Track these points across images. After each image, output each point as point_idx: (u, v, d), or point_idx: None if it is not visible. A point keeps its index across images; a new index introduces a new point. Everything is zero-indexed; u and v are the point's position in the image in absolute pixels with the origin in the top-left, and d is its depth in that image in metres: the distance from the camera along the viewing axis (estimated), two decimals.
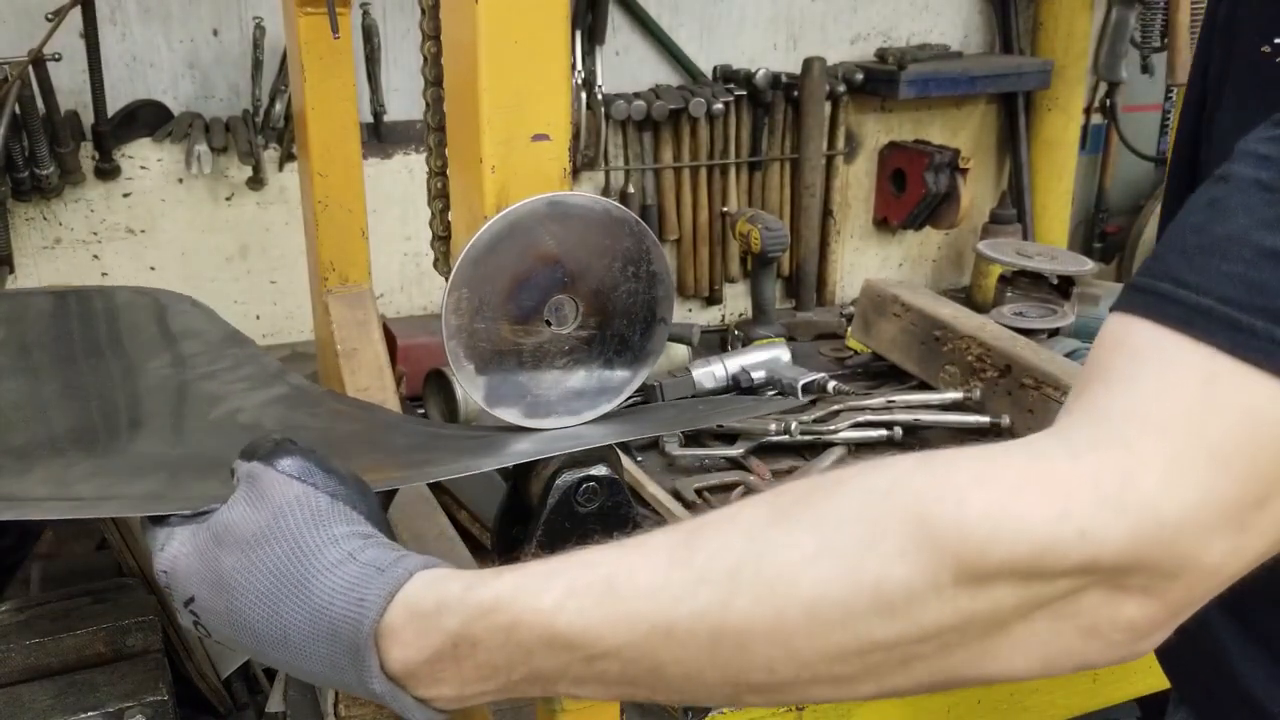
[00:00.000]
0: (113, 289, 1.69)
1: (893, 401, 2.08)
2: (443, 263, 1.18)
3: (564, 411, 0.95)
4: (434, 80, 1.09)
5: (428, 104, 1.12)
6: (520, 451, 0.94)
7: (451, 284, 0.87)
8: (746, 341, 2.43)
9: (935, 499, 0.55)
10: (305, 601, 0.68)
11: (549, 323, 0.92)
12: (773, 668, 0.59)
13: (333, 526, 0.71)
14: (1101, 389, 0.58)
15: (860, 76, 2.74)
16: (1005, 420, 1.98)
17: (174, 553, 0.75)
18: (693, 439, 2.04)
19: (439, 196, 1.15)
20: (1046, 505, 0.54)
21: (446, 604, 0.66)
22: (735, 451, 1.98)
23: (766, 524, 0.60)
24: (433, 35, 1.04)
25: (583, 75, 2.50)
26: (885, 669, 0.58)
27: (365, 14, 2.30)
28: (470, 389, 0.91)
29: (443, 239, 1.17)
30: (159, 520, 0.77)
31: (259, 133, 2.28)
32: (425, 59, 1.08)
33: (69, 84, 2.15)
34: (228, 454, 0.79)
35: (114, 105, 2.20)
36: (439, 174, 1.15)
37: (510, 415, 0.94)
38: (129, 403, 1.23)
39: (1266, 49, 0.72)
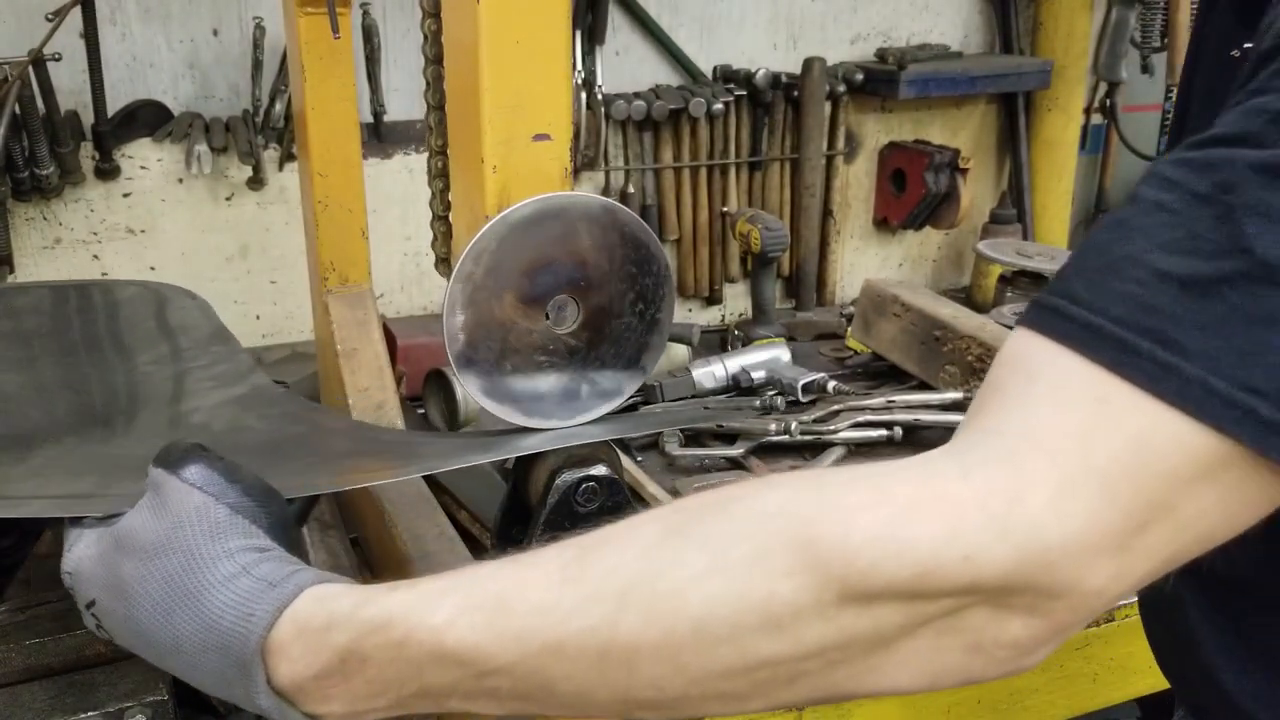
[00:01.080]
0: (113, 282, 1.70)
1: (893, 401, 2.08)
2: (442, 243, 1.18)
3: (564, 412, 0.95)
4: (434, 59, 1.09)
5: (428, 82, 1.12)
6: (464, 458, 0.94)
7: (452, 284, 0.87)
8: (746, 341, 2.43)
9: (823, 520, 0.57)
10: (198, 614, 0.69)
11: (550, 323, 0.92)
12: (661, 685, 0.60)
13: (229, 539, 0.71)
14: (997, 406, 0.59)
15: (860, 76, 2.74)
16: None
17: (79, 555, 0.76)
18: (693, 439, 2.04)
19: (439, 176, 1.14)
20: (932, 527, 0.55)
21: (336, 620, 0.67)
22: (735, 451, 1.98)
23: (658, 541, 0.61)
24: (433, 12, 1.03)
25: (583, 75, 2.50)
26: (773, 685, 0.59)
27: (365, 14, 2.30)
28: (470, 389, 0.91)
29: (442, 218, 1.17)
30: (75, 520, 0.78)
31: (259, 133, 2.28)
32: (426, 36, 1.08)
33: (69, 84, 2.15)
34: None
35: (114, 105, 2.20)
36: (439, 153, 1.15)
37: (511, 415, 0.94)
38: (104, 400, 1.24)
39: (1235, 53, 0.73)
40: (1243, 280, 0.55)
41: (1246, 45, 0.69)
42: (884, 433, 2.03)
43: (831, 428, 2.02)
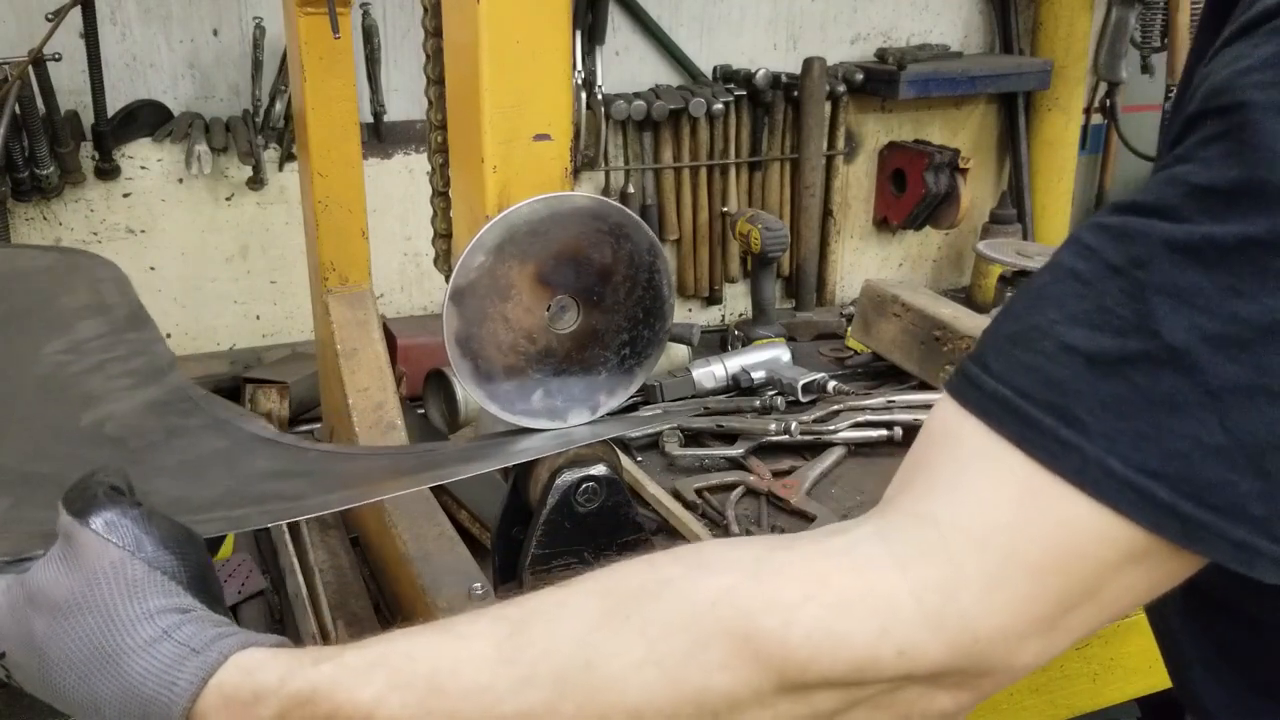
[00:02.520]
0: (21, 249, 1.54)
1: (893, 401, 2.09)
2: (443, 261, 1.18)
3: (564, 412, 0.95)
4: (437, 79, 1.09)
5: (430, 101, 1.12)
6: (395, 483, 0.91)
7: (452, 284, 0.87)
8: (746, 341, 2.43)
9: (761, 614, 0.58)
10: (117, 678, 0.66)
11: (550, 324, 0.92)
12: None
13: (148, 599, 0.67)
14: (925, 487, 0.60)
15: (860, 76, 2.74)
16: None
17: None
18: (693, 439, 2.04)
19: (439, 151, 1.13)
20: (867, 624, 0.56)
21: (262, 694, 0.65)
22: (735, 451, 1.98)
23: (595, 624, 0.61)
24: (435, 33, 1.04)
25: (583, 75, 2.50)
26: None
27: (365, 14, 2.30)
28: (471, 389, 0.91)
29: (442, 193, 1.16)
30: None
31: (259, 133, 2.28)
32: (428, 56, 1.08)
33: (69, 84, 2.15)
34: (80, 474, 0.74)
35: (114, 105, 2.20)
36: (439, 143, 1.15)
37: (511, 416, 0.94)
38: (7, 398, 1.15)
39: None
40: (1146, 362, 0.54)
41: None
42: (884, 433, 2.03)
43: (831, 428, 2.02)
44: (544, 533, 0.92)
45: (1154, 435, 0.54)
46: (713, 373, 2.26)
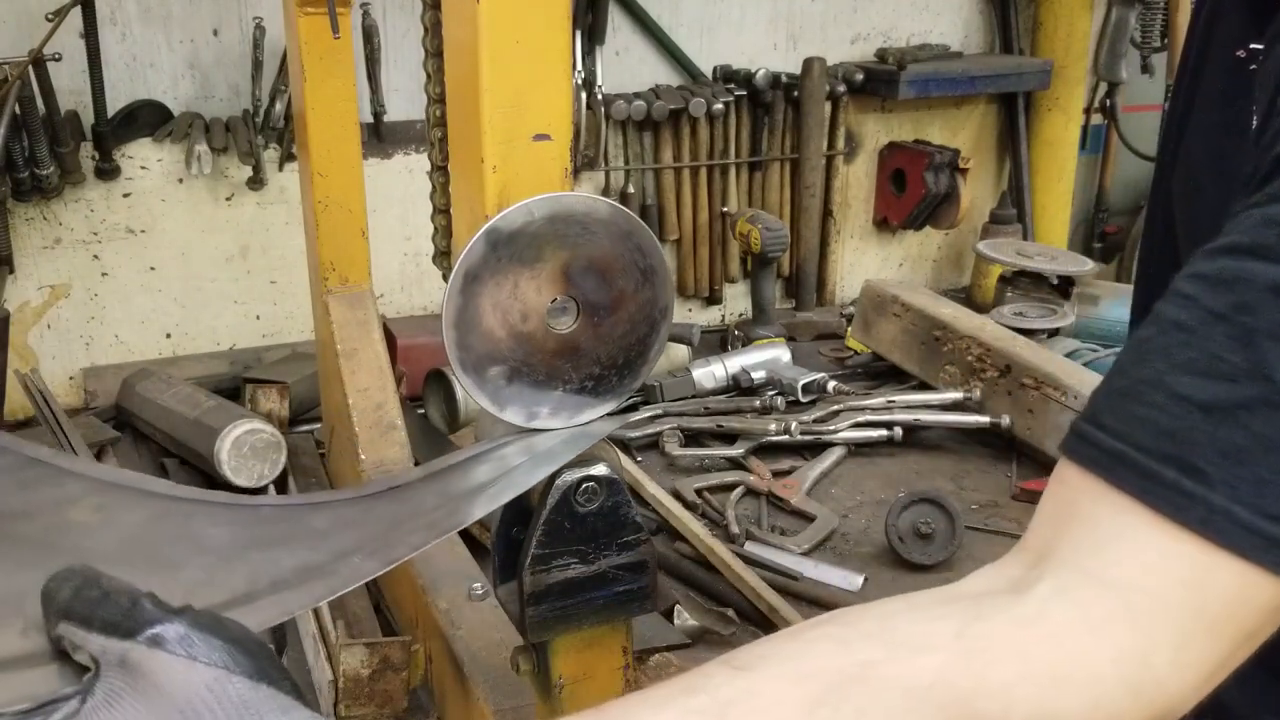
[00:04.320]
0: None
1: (893, 401, 2.09)
2: (442, 236, 1.18)
3: (566, 412, 0.95)
4: (438, 98, 1.09)
5: (430, 98, 1.12)
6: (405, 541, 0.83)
7: (452, 284, 0.87)
8: (746, 341, 2.43)
9: (981, 696, 0.58)
10: None
11: (550, 324, 0.92)
12: None
13: (265, 718, 0.55)
14: (1071, 548, 0.60)
15: (860, 76, 2.74)
16: (1005, 420, 1.98)
17: None
18: (692, 439, 2.04)
19: (437, 125, 1.13)
20: (1080, 699, 0.58)
21: None
22: (735, 451, 1.98)
23: (804, 714, 0.58)
24: (433, 4, 1.03)
25: (583, 75, 2.50)
26: None
27: (365, 14, 2.30)
28: (471, 389, 0.91)
29: (444, 240, 1.17)
30: None
31: (259, 133, 2.28)
32: (429, 75, 1.08)
33: (69, 84, 2.15)
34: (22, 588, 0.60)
35: (114, 105, 2.20)
36: (440, 168, 1.15)
37: (511, 415, 0.94)
38: None
39: (1241, 54, 0.73)
40: (1262, 406, 0.55)
41: (1253, 46, 0.69)
42: (884, 433, 2.03)
43: (831, 428, 2.02)
44: (544, 533, 0.92)
45: (1275, 480, 0.55)
46: (713, 373, 2.26)
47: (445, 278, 1.21)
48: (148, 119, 2.25)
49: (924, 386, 2.19)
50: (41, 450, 0.77)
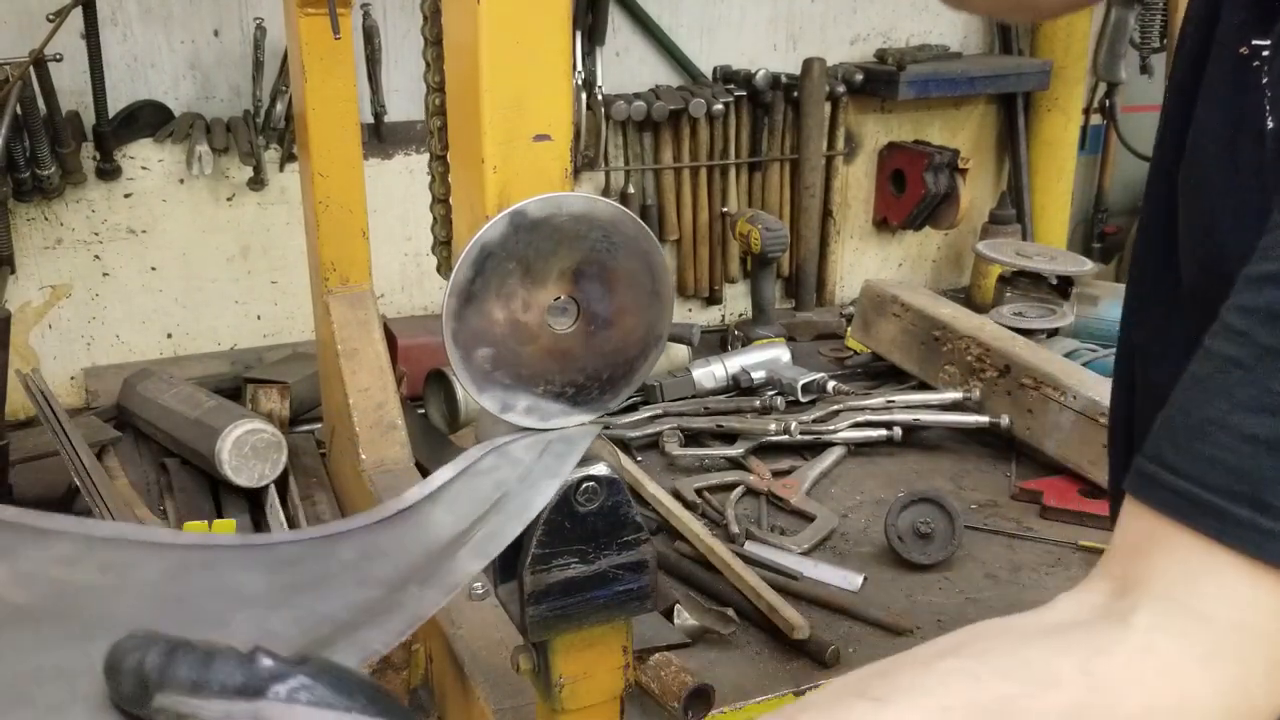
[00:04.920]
0: None
1: (892, 401, 2.09)
2: (442, 226, 1.18)
3: (539, 414, 0.95)
4: (437, 87, 1.09)
5: (428, 64, 1.12)
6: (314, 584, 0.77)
7: (452, 284, 0.87)
8: (746, 341, 2.44)
9: None
10: None
11: (548, 320, 0.92)
12: None
13: None
14: (1177, 580, 0.61)
15: (860, 77, 2.74)
16: (1004, 420, 1.99)
17: None
18: (692, 439, 2.04)
19: (438, 119, 1.13)
20: None
21: None
22: (735, 451, 1.98)
23: None
24: (434, 41, 1.04)
25: (583, 75, 2.50)
26: None
27: (366, 15, 2.30)
28: (471, 390, 0.91)
29: (444, 244, 1.17)
30: None
31: (260, 133, 2.28)
32: (427, 60, 1.08)
33: (70, 85, 2.16)
34: None
35: (115, 106, 2.20)
36: (439, 157, 1.15)
37: (512, 416, 0.94)
38: None
39: (1244, 50, 0.73)
40: None
41: (1255, 42, 0.69)
42: (883, 433, 2.03)
43: (831, 428, 2.03)
44: (544, 532, 0.93)
45: None
46: (713, 373, 2.26)
47: (439, 269, 1.21)
48: (149, 119, 2.25)
49: (923, 386, 2.19)
50: (6, 511, 0.70)
